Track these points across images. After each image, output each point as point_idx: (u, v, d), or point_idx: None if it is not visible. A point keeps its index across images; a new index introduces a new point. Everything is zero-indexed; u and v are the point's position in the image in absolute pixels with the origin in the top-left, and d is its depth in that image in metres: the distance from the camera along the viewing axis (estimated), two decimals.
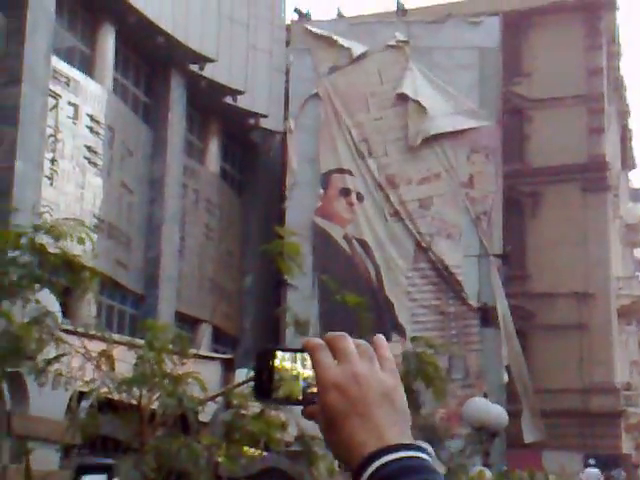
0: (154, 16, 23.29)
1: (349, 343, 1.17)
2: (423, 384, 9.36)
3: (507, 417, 18.73)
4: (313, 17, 30.94)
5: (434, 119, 27.53)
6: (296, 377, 1.19)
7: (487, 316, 26.78)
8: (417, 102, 27.73)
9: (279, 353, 1.20)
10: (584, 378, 29.84)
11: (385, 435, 1.10)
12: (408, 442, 1.10)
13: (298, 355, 1.20)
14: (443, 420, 23.48)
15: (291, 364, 1.20)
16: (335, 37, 28.60)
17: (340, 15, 31.89)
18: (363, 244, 27.46)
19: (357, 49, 28.61)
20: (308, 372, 1.19)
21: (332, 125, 28.24)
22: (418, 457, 1.08)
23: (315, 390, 1.16)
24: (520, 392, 27.63)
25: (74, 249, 9.20)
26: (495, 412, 18.09)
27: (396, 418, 1.13)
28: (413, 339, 9.87)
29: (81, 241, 8.82)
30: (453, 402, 23.34)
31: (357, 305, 9.08)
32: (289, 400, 1.20)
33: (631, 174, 46.60)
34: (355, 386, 1.13)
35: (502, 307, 26.85)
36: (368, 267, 27.29)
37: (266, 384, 1.20)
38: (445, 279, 26.95)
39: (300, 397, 1.19)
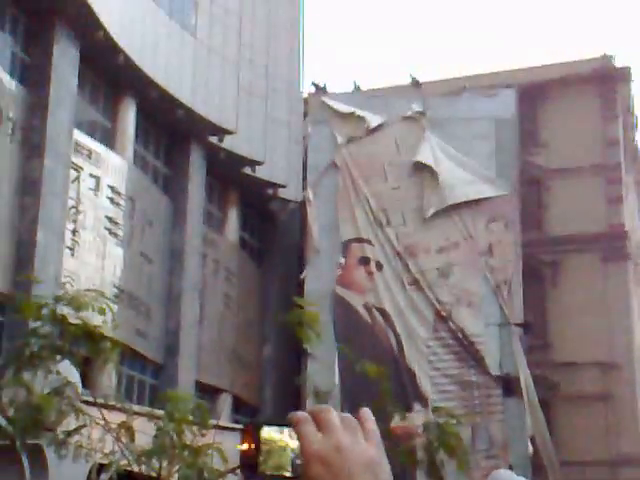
0: (174, 90, 23.69)
1: (333, 416, 1.19)
2: (445, 455, 9.22)
3: None
4: (330, 90, 31.36)
5: (452, 188, 27.66)
6: (284, 448, 1.20)
7: (510, 386, 26.47)
8: (432, 172, 27.90)
9: (266, 427, 1.23)
10: (611, 449, 29.31)
11: None
12: None
13: (285, 429, 1.22)
14: None
15: (279, 436, 1.22)
16: (352, 109, 28.96)
17: (357, 88, 32.32)
18: (383, 313, 27.37)
19: (374, 120, 28.93)
20: (296, 443, 1.20)
21: (350, 194, 28.41)
22: None
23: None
24: (546, 464, 27.15)
25: (95, 319, 9.23)
26: None
27: None
28: (435, 409, 9.75)
29: (102, 312, 8.87)
30: (477, 474, 22.94)
31: (377, 375, 9.02)
32: (277, 475, 1.21)
33: None
34: (338, 458, 1.14)
35: (525, 377, 26.57)
36: (389, 336, 27.15)
37: (253, 458, 1.22)
38: (466, 348, 26.75)
39: (288, 470, 1.20)
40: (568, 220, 31.54)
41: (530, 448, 26.14)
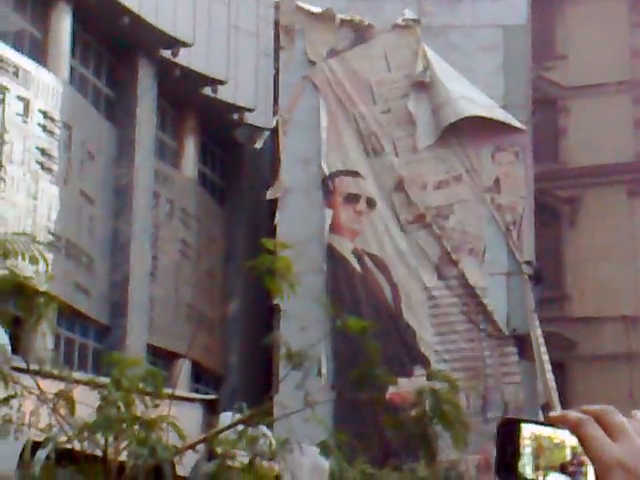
0: None
1: (622, 418, 1.27)
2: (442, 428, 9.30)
3: None
4: None
5: (452, 106, 27.45)
6: (559, 445, 1.29)
7: (521, 345, 26.74)
8: (429, 91, 27.72)
9: (524, 425, 1.31)
10: None
11: None
12: None
13: (547, 428, 1.30)
14: (480, 468, 23.44)
15: (551, 431, 1.30)
16: (333, 13, 28.68)
17: None
18: (376, 260, 27.41)
19: (360, 27, 28.66)
20: (574, 441, 1.27)
21: (335, 117, 28.24)
22: None
23: (582, 468, 1.26)
24: None
25: (25, 270, 9.19)
26: None
27: None
28: (430, 374, 9.82)
29: (34, 260, 8.82)
30: (491, 446, 23.29)
31: (362, 331, 9.05)
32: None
33: None
34: None
35: (536, 335, 26.83)
36: (383, 287, 27.24)
37: (511, 460, 1.29)
38: (473, 300, 26.93)
39: (558, 471, 1.28)
40: (589, 148, 31.61)
41: (541, 417, 26.51)
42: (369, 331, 8.87)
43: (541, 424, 1.31)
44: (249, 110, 28.46)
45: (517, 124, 27.59)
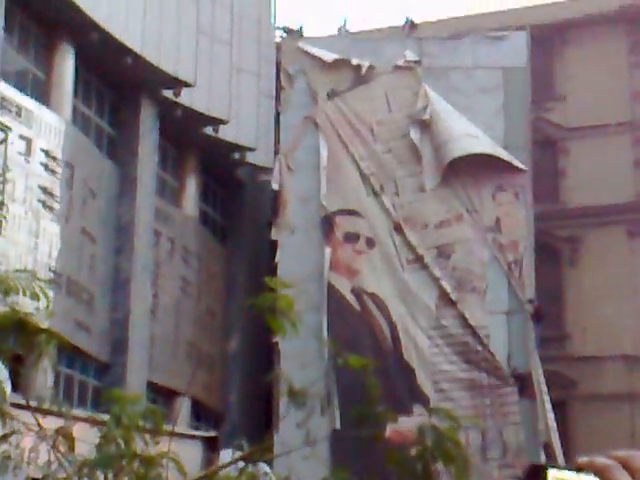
0: (120, 33, 23.52)
1: None
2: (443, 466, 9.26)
3: None
4: (306, 34, 31.18)
5: (454, 143, 27.49)
6: None
7: (521, 384, 26.65)
8: (430, 131, 27.82)
9: (552, 471, 1.31)
10: None
11: None
12: None
13: (573, 473, 1.30)
14: None
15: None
16: (334, 56, 28.82)
17: (343, 29, 32.18)
18: (375, 299, 27.39)
19: (360, 69, 28.80)
20: None
21: (338, 158, 28.28)
22: None
23: None
24: None
25: (26, 307, 9.19)
26: None
27: None
28: (432, 411, 9.79)
29: (35, 297, 8.83)
30: None
31: (362, 369, 9.04)
32: None
33: None
34: None
35: (537, 374, 26.75)
36: (382, 326, 27.20)
37: None
38: (473, 340, 26.87)
39: None
40: (589, 188, 31.66)
41: (543, 456, 26.36)
42: (369, 369, 8.87)
43: (568, 469, 1.30)
44: (250, 149, 28.56)
45: (519, 164, 27.69)
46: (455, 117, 27.89)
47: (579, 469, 1.29)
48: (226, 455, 11.57)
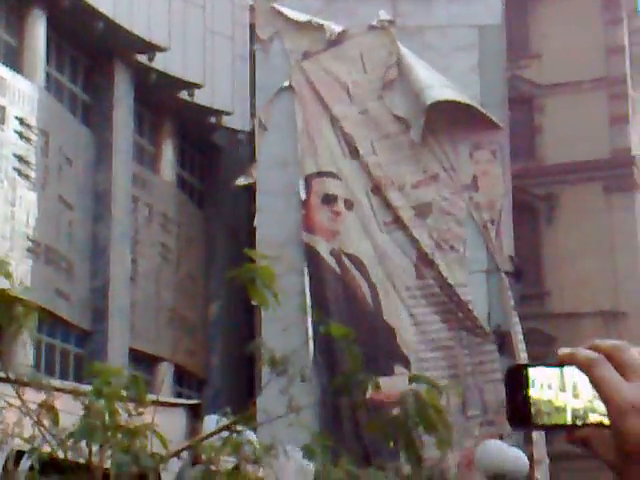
0: None
1: (636, 354, 1.21)
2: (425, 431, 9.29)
3: (527, 462, 18.71)
4: None
5: (432, 88, 27.26)
6: (561, 409, 1.25)
7: (502, 342, 26.80)
8: (406, 85, 27.64)
9: (532, 370, 1.27)
10: None
11: None
12: None
13: (555, 369, 1.26)
14: (461, 467, 23.46)
15: (552, 395, 1.25)
16: (308, 17, 28.65)
17: None
18: (354, 260, 27.40)
19: (335, 30, 28.64)
20: (578, 404, 1.24)
21: (313, 119, 28.18)
22: None
23: (592, 419, 1.22)
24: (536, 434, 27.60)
25: (3, 281, 9.13)
26: (512, 457, 18.08)
27: None
28: (413, 378, 9.81)
29: (8, 277, 8.76)
30: (471, 442, 23.35)
31: (345, 337, 9.04)
32: (554, 426, 1.26)
33: None
34: None
35: (516, 331, 26.90)
36: (362, 288, 27.23)
37: (522, 409, 1.26)
38: (452, 299, 26.97)
39: (570, 419, 1.25)
40: (565, 145, 31.72)
41: None
42: (351, 337, 8.87)
43: (549, 365, 1.27)
44: (226, 113, 28.41)
45: (495, 120, 27.66)
46: (431, 71, 27.78)
47: (561, 363, 1.26)
48: (210, 421, 11.58)
